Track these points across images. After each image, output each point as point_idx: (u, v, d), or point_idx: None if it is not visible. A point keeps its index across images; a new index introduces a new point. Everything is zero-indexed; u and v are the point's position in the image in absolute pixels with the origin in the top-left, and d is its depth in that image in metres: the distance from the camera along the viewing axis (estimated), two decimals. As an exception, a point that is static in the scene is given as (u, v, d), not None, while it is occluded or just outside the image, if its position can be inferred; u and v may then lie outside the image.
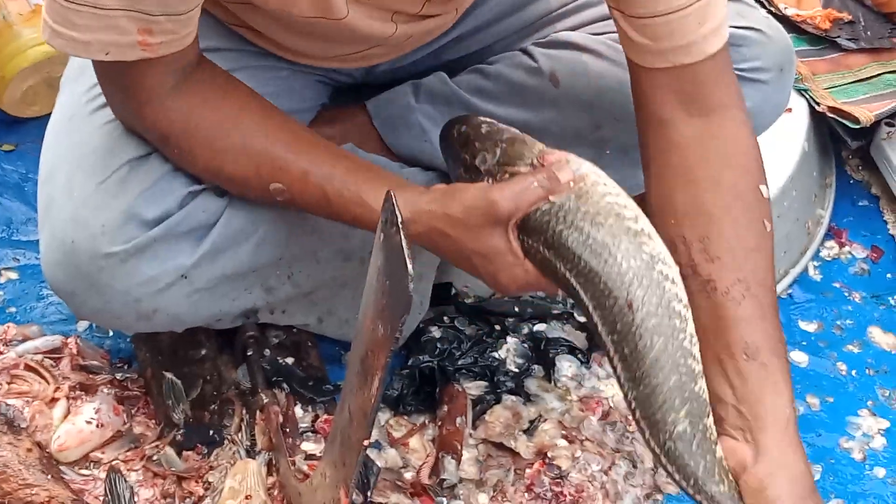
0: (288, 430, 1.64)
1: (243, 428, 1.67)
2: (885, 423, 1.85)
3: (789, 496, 1.34)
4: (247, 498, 1.55)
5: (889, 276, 2.10)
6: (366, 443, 1.26)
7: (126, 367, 1.81)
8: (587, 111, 1.66)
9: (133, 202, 1.48)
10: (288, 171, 1.43)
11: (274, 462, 1.63)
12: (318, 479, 1.44)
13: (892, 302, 2.05)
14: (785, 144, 2.07)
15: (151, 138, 1.47)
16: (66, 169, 1.51)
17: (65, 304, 1.58)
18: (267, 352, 1.75)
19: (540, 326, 1.90)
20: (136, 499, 1.62)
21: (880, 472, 1.78)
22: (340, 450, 1.34)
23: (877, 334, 2.00)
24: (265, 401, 1.66)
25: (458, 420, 1.75)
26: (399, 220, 1.12)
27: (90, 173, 1.49)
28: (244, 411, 1.68)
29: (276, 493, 1.60)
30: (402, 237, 1.11)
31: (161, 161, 1.50)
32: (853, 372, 1.93)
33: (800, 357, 1.93)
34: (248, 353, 1.73)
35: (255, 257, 1.59)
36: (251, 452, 1.64)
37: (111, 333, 1.86)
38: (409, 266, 1.09)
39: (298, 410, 1.71)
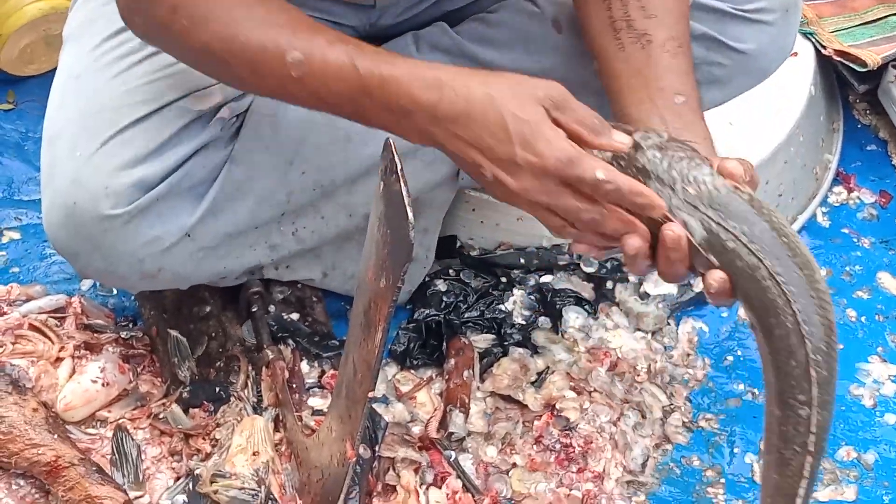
0: (294, 385, 1.63)
1: (249, 384, 1.66)
2: (896, 369, 1.84)
3: None
4: (254, 454, 1.54)
5: (898, 220, 2.08)
6: (371, 395, 1.25)
7: (131, 325, 1.80)
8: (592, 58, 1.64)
9: (136, 161, 1.48)
10: (312, 39, 1.30)
11: (281, 418, 1.62)
12: (325, 433, 1.43)
13: (902, 247, 2.03)
14: (791, 89, 2.05)
15: (159, 13, 1.34)
16: (70, 130, 1.51)
17: (68, 263, 1.58)
18: (272, 308, 1.74)
19: (546, 278, 1.89)
20: (143, 457, 1.61)
21: (891, 418, 1.77)
22: (346, 403, 1.33)
23: (886, 280, 1.98)
24: (271, 357, 1.65)
25: (466, 373, 1.74)
26: (399, 167, 1.11)
27: (94, 134, 1.49)
28: (250, 368, 1.67)
29: (283, 448, 1.59)
30: (402, 185, 1.09)
31: (164, 122, 1.49)
32: (863, 318, 1.92)
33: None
34: (253, 310, 1.72)
35: (256, 213, 1.58)
36: (258, 409, 1.63)
37: (115, 292, 1.85)
38: (410, 214, 1.08)
39: (304, 366, 1.70)
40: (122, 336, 1.75)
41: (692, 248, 1.21)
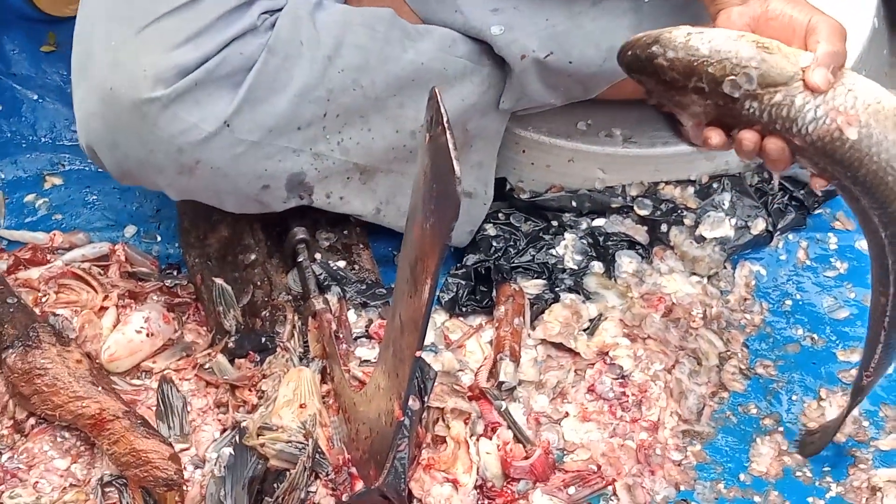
0: (341, 335, 1.60)
1: (296, 335, 1.63)
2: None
3: None
4: (301, 406, 1.51)
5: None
6: (418, 354, 1.21)
7: (175, 272, 1.78)
8: None
9: (174, 46, 1.47)
10: None
11: (328, 370, 1.59)
12: (373, 389, 1.40)
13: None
14: (853, 22, 1.96)
15: None
16: (104, 22, 1.51)
17: (103, 162, 1.55)
18: (318, 255, 1.71)
19: (598, 221, 1.84)
20: (188, 408, 1.60)
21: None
22: (393, 360, 1.29)
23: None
24: (317, 307, 1.62)
25: (516, 321, 1.70)
26: (445, 119, 1.06)
27: (129, 22, 1.49)
28: (296, 318, 1.64)
29: (330, 401, 1.56)
30: (448, 137, 1.05)
31: (201, 11, 1.49)
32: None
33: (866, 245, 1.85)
34: (299, 260, 1.68)
35: (297, 109, 1.56)
36: (304, 360, 1.60)
37: (159, 238, 1.82)
38: (457, 168, 1.03)
39: (352, 315, 1.66)
40: (167, 284, 1.73)
41: None
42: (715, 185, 1.85)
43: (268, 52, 1.52)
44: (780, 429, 1.64)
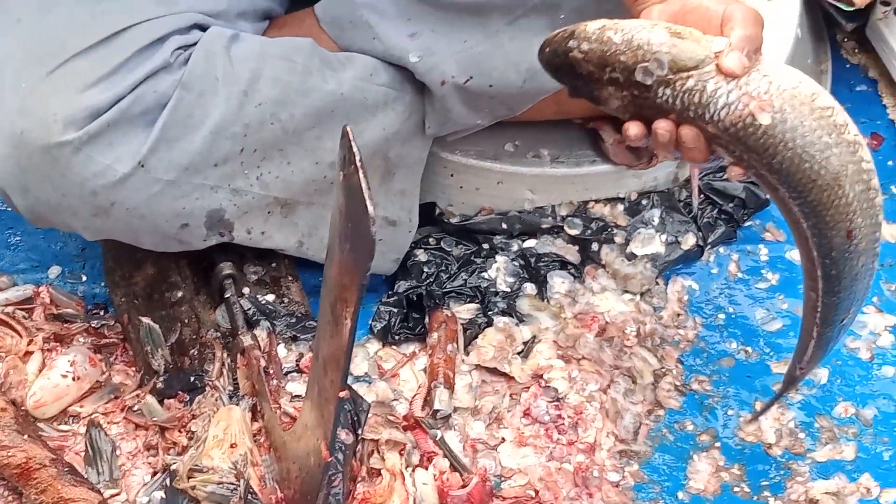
0: (271, 371, 1.58)
1: (225, 372, 1.61)
2: (893, 320, 1.78)
3: None
4: (232, 446, 1.49)
5: (890, 163, 2.01)
6: (342, 395, 1.20)
7: (102, 312, 1.75)
8: None
9: (84, 88, 1.45)
10: None
11: (258, 407, 1.57)
12: (301, 427, 1.38)
13: (894, 191, 1.96)
14: (777, 31, 1.98)
15: None
16: (13, 63, 1.48)
17: (15, 205, 1.53)
18: (246, 290, 1.69)
19: (530, 242, 1.83)
20: (118, 453, 1.57)
21: (889, 371, 1.73)
22: (318, 400, 1.28)
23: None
24: (245, 344, 1.59)
25: (450, 347, 1.69)
26: (358, 157, 1.04)
27: (39, 63, 1.46)
28: (225, 355, 1.62)
29: (261, 439, 1.54)
30: (362, 177, 1.03)
31: (112, 51, 1.47)
32: (858, 268, 1.86)
33: (797, 255, 1.86)
34: (227, 296, 1.66)
35: (213, 146, 1.53)
36: (234, 398, 1.58)
37: (85, 279, 1.79)
38: (371, 208, 1.02)
39: (282, 350, 1.64)
40: (93, 325, 1.70)
41: None
42: (644, 202, 1.85)
43: (181, 89, 1.50)
44: (717, 444, 1.64)
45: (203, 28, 1.55)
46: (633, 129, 1.34)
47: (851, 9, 2.04)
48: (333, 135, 1.58)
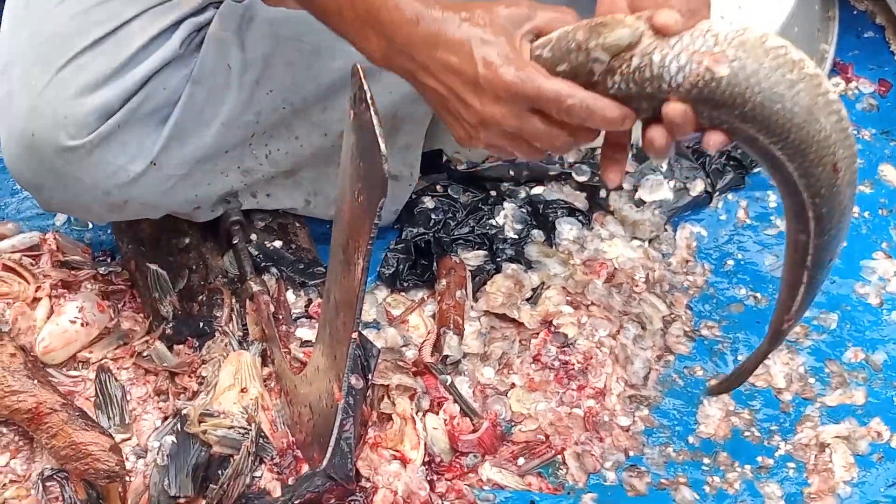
0: (281, 317, 1.58)
1: (234, 318, 1.60)
2: (902, 266, 1.78)
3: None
4: (242, 391, 1.49)
5: (898, 109, 2.01)
6: (354, 336, 1.19)
7: (109, 259, 1.74)
8: None
9: (94, 87, 1.42)
10: None
11: (268, 352, 1.56)
12: (312, 371, 1.38)
13: (904, 136, 1.96)
14: (784, -22, 1.96)
15: None
16: (23, 59, 1.45)
17: (30, 194, 1.53)
18: (253, 236, 1.68)
19: (537, 189, 1.83)
20: (128, 398, 1.57)
21: (899, 316, 1.72)
22: (330, 342, 1.27)
23: (888, 172, 1.91)
24: (254, 290, 1.59)
25: (458, 293, 1.68)
26: (368, 95, 1.04)
27: (48, 62, 1.43)
28: (234, 300, 1.62)
29: (272, 384, 1.54)
30: (373, 114, 1.02)
31: (120, 43, 1.44)
32: (866, 214, 1.85)
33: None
34: (234, 242, 1.65)
35: (225, 137, 1.53)
36: (244, 343, 1.58)
37: (90, 226, 1.79)
38: (382, 145, 1.01)
39: (290, 296, 1.64)
40: (101, 272, 1.69)
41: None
42: (652, 148, 1.84)
43: (193, 84, 1.48)
44: (727, 389, 1.64)
45: (217, 3, 1.52)
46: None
47: (860, -48, 2.02)
48: (340, 104, 1.56)
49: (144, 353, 1.60)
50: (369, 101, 1.03)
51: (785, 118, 1.21)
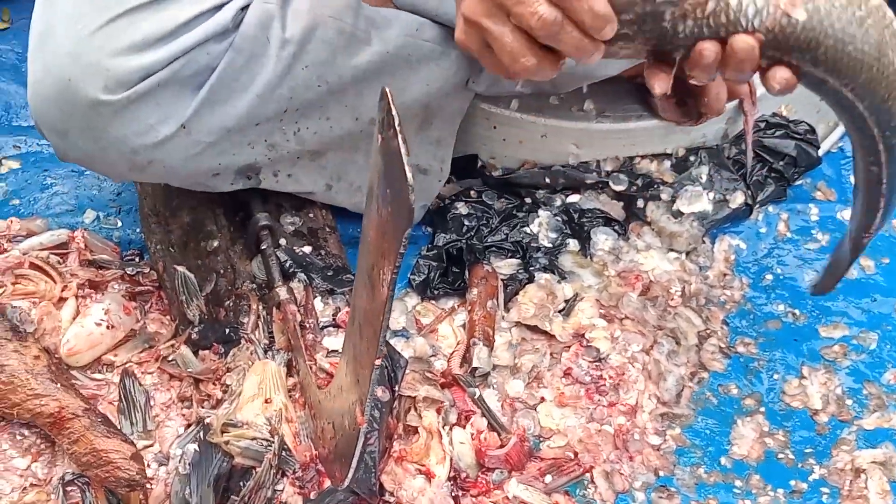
0: (307, 325, 1.55)
1: (260, 325, 1.58)
2: (944, 286, 1.73)
3: None
4: (266, 402, 1.47)
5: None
6: (377, 362, 1.17)
7: (138, 259, 1.72)
8: None
9: (142, 46, 1.39)
10: None
11: (294, 362, 1.54)
12: (336, 388, 1.35)
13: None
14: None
15: None
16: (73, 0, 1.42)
17: (49, 140, 1.48)
18: (283, 241, 1.65)
19: (573, 197, 1.79)
20: (151, 403, 1.55)
21: (941, 336, 1.68)
22: (354, 364, 1.25)
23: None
24: (282, 297, 1.56)
25: (490, 303, 1.65)
26: (397, 121, 1.00)
27: (101, 7, 1.40)
28: (261, 307, 1.59)
29: (297, 395, 1.52)
30: (401, 142, 0.99)
31: (177, 8, 1.41)
32: (909, 232, 1.81)
33: (848, 215, 1.80)
34: (263, 247, 1.62)
35: (258, 108, 1.50)
36: (270, 352, 1.55)
37: (120, 224, 1.77)
38: (409, 176, 0.98)
39: (318, 303, 1.61)
40: (128, 272, 1.67)
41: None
42: (692, 159, 1.80)
43: (233, 51, 1.45)
44: (762, 409, 1.60)
45: None
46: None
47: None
48: (375, 91, 1.54)
49: (170, 358, 1.58)
50: (397, 128, 1.00)
51: (855, 59, 1.21)
